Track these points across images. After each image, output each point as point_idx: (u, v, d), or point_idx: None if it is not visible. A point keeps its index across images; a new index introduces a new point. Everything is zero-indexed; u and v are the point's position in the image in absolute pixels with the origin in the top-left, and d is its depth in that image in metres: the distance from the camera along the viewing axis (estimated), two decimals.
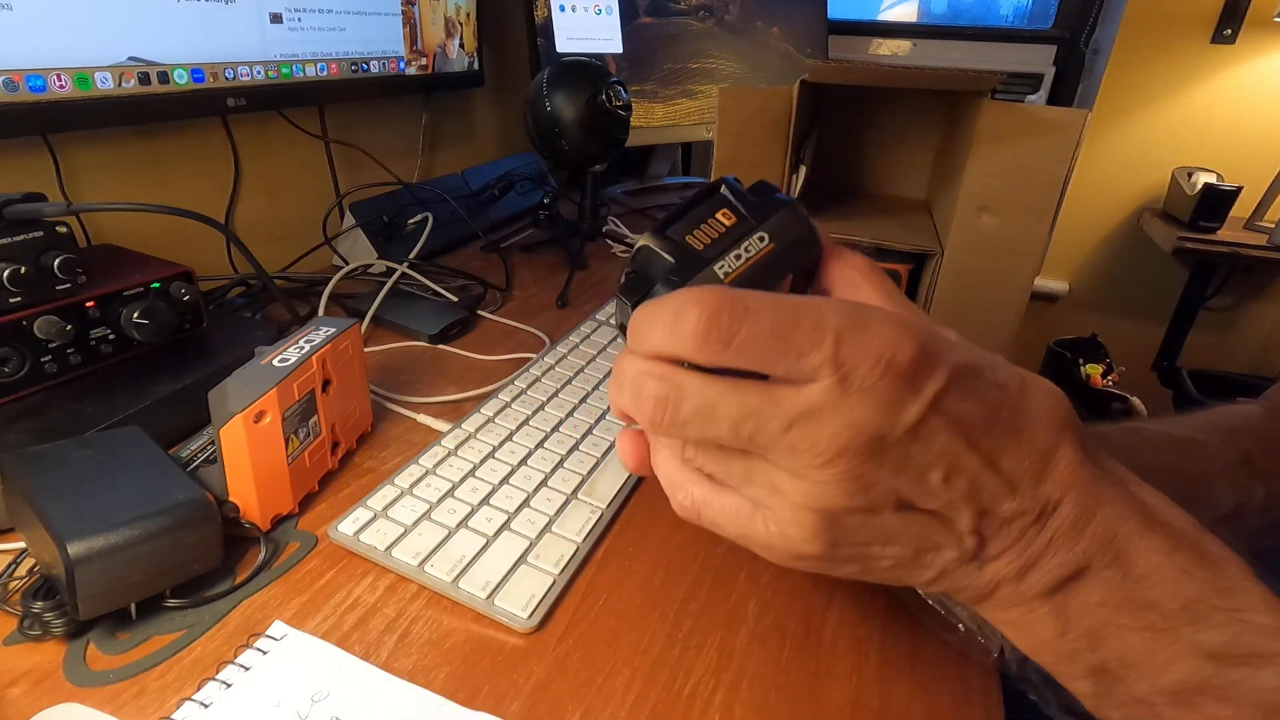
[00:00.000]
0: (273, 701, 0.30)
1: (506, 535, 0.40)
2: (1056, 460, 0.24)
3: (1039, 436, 0.24)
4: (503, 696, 0.32)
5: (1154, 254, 1.69)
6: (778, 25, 1.22)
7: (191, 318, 0.52)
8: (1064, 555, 0.24)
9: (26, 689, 0.31)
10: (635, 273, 0.28)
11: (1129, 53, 1.59)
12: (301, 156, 0.84)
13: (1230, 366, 1.75)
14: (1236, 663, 0.23)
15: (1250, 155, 1.59)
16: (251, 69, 0.66)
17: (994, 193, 0.55)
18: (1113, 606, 0.24)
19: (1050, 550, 0.24)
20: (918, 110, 0.72)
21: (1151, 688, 0.24)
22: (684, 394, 0.23)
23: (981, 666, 0.34)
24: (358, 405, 0.48)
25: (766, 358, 0.22)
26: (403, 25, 0.84)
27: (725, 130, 0.59)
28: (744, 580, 0.39)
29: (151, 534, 0.32)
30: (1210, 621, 0.23)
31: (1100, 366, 1.65)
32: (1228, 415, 0.45)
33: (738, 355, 0.22)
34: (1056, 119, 0.52)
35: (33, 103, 0.51)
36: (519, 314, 0.71)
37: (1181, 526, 0.25)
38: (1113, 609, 0.24)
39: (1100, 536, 0.24)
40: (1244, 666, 0.23)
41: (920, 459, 0.23)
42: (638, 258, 0.28)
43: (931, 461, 0.23)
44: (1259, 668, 0.23)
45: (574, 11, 0.99)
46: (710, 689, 0.33)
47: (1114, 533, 0.24)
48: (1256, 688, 0.23)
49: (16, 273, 0.41)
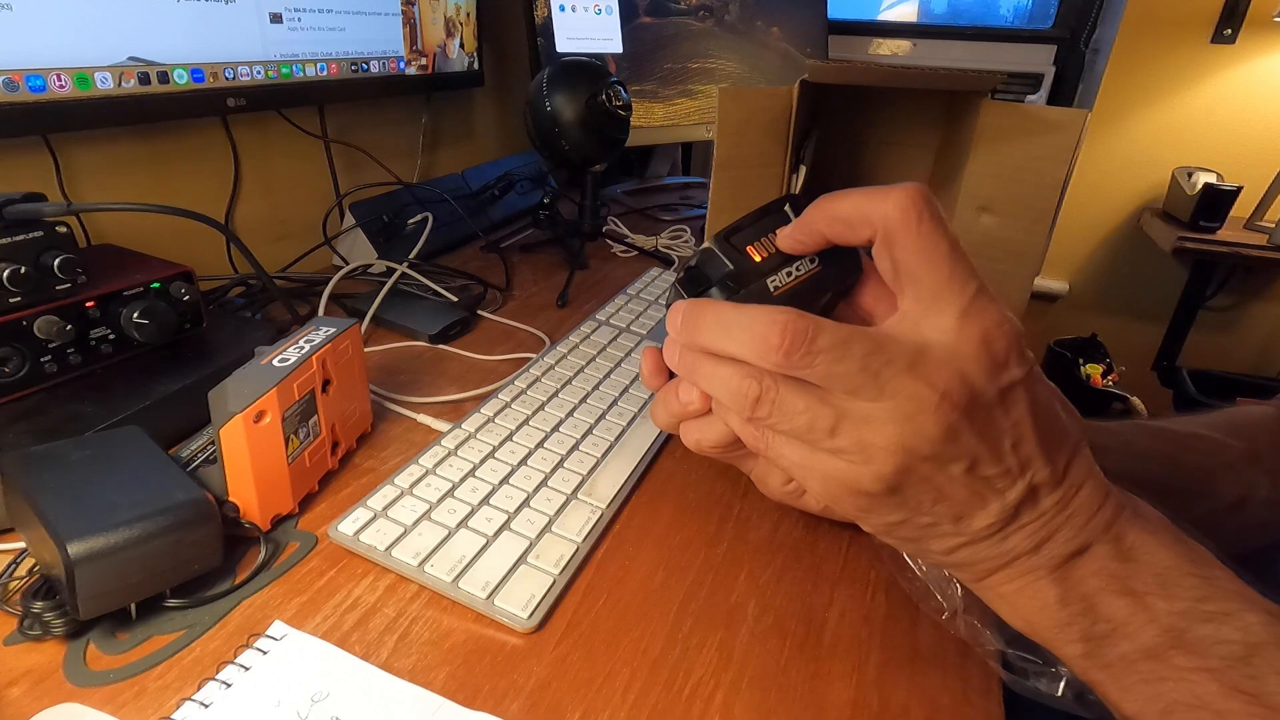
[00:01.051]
0: (273, 701, 0.30)
1: (506, 535, 0.40)
2: (1081, 452, 0.28)
3: (1073, 430, 0.28)
4: (503, 696, 0.32)
5: (1154, 254, 1.69)
6: (778, 25, 1.22)
7: (191, 318, 0.52)
8: (1075, 533, 0.27)
9: (26, 689, 0.31)
10: (696, 269, 0.31)
11: (1129, 53, 1.59)
12: (301, 156, 0.84)
13: (1230, 366, 1.75)
14: (1203, 619, 0.26)
15: (1250, 155, 1.59)
16: (251, 69, 0.66)
17: (994, 193, 0.55)
18: (1105, 576, 0.27)
19: (1068, 527, 0.27)
20: (918, 110, 0.72)
21: (1132, 646, 0.26)
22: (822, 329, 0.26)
23: (981, 666, 0.34)
24: (358, 405, 0.48)
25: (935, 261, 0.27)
26: (403, 25, 0.84)
27: (725, 130, 0.59)
28: (744, 580, 0.39)
29: (151, 534, 0.32)
30: (1182, 585, 0.26)
31: (1100, 366, 1.65)
32: (1234, 414, 0.46)
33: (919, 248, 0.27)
34: (1056, 119, 0.52)
35: (33, 103, 0.51)
36: (519, 314, 0.71)
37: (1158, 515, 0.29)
38: (1105, 578, 0.27)
39: (1105, 519, 0.27)
40: (1210, 623, 0.25)
41: (1001, 424, 0.26)
42: (700, 257, 0.31)
43: (1007, 429, 0.26)
44: (1223, 623, 0.25)
45: (574, 11, 0.99)
46: (710, 689, 0.33)
47: (1115, 516, 0.28)
48: (1221, 639, 0.25)
49: (16, 273, 0.41)
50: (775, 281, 0.29)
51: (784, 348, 0.26)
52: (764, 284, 0.29)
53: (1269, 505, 0.41)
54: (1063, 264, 1.85)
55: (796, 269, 0.30)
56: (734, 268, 0.29)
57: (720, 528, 0.43)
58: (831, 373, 0.26)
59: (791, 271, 0.30)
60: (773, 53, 1.22)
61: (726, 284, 0.29)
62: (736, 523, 0.43)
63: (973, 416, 0.25)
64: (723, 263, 0.30)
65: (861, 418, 0.26)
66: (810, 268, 0.30)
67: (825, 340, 0.26)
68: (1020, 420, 0.26)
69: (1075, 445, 0.28)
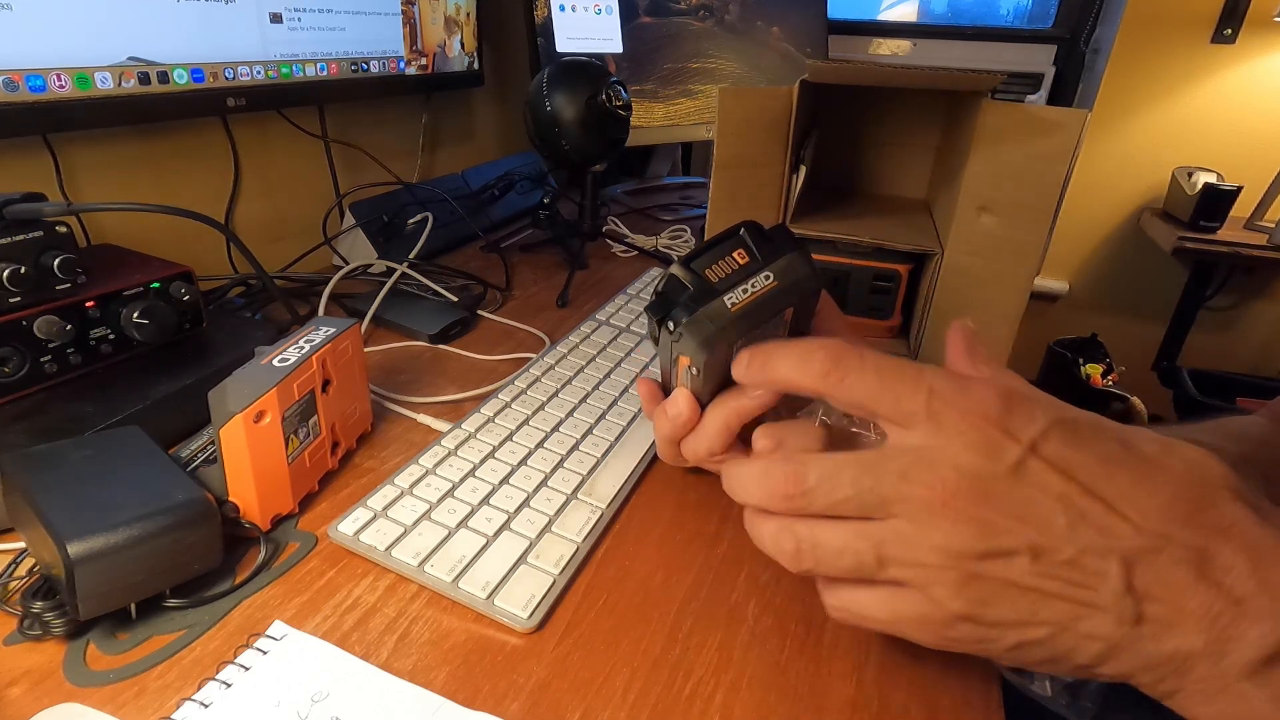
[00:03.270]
0: (273, 701, 0.30)
1: (506, 535, 0.40)
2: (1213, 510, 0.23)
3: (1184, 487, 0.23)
4: (503, 696, 0.32)
5: (1154, 254, 1.69)
6: (778, 25, 1.22)
7: (191, 318, 0.52)
8: (1267, 624, 0.22)
9: (26, 689, 0.31)
10: (661, 295, 0.33)
11: (1129, 53, 1.59)
12: (301, 156, 0.84)
13: (1230, 366, 1.75)
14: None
15: (1250, 155, 1.59)
16: (251, 69, 0.66)
17: (994, 193, 0.55)
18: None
19: (1244, 617, 0.22)
20: (918, 110, 0.72)
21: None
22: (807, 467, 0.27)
23: (982, 666, 0.34)
24: (358, 405, 0.48)
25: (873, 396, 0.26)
26: (403, 25, 0.84)
27: (725, 130, 0.59)
28: (744, 580, 0.39)
29: (151, 534, 0.32)
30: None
31: (1100, 366, 1.65)
32: (1225, 423, 0.45)
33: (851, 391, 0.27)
34: (1056, 119, 0.52)
35: (33, 103, 0.51)
36: (519, 314, 0.71)
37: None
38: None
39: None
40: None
41: (1037, 502, 0.24)
42: (665, 283, 0.33)
43: (1050, 505, 0.23)
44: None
45: (574, 11, 0.99)
46: (710, 689, 0.33)
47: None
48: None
49: (16, 273, 0.41)
50: (732, 299, 0.31)
51: (783, 492, 0.27)
52: (721, 302, 0.31)
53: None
54: (1063, 264, 1.85)
55: (753, 285, 0.32)
56: (693, 289, 0.32)
57: (720, 527, 0.43)
58: (834, 502, 0.26)
59: (748, 288, 0.32)
60: (773, 53, 1.22)
61: (688, 305, 0.32)
62: (736, 522, 0.43)
63: (995, 503, 0.24)
64: (684, 286, 0.32)
65: (897, 539, 0.25)
66: (767, 283, 0.32)
67: (814, 475, 0.26)
68: (1061, 490, 0.23)
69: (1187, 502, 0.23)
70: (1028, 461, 0.24)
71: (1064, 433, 0.24)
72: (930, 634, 0.27)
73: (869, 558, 0.26)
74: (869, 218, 0.67)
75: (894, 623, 0.27)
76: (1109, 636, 0.24)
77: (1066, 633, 0.24)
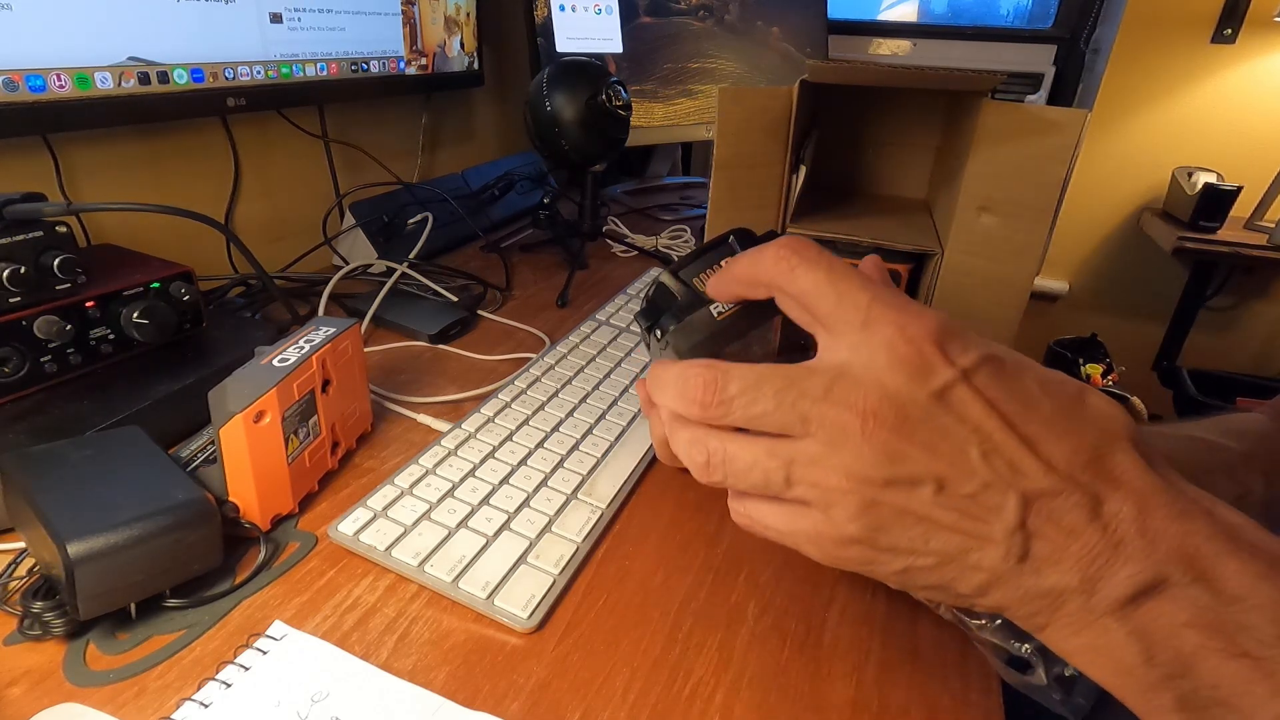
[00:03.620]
0: (273, 701, 0.30)
1: (506, 535, 0.40)
2: (1111, 458, 0.24)
3: (1089, 434, 0.24)
4: (503, 696, 0.32)
5: (1154, 254, 1.69)
6: (778, 25, 1.22)
7: (191, 318, 0.52)
8: (1136, 565, 0.23)
9: (26, 689, 0.31)
10: (651, 302, 0.34)
11: (1129, 53, 1.59)
12: (301, 156, 0.84)
13: (1230, 366, 1.75)
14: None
15: (1250, 155, 1.59)
16: (251, 69, 0.66)
17: (994, 193, 0.55)
18: (1203, 629, 0.22)
19: (1119, 558, 0.23)
20: (918, 110, 0.72)
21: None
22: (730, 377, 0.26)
23: (982, 666, 0.34)
24: (358, 405, 0.48)
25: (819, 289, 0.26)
26: (403, 25, 0.84)
27: (725, 130, 0.59)
28: (744, 580, 0.39)
29: (151, 534, 0.32)
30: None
31: (1100, 366, 1.65)
32: (1227, 419, 0.45)
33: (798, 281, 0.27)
34: (1056, 119, 0.52)
35: (33, 103, 0.51)
36: (519, 314, 0.71)
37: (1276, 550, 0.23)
38: (1204, 632, 0.22)
39: (1177, 550, 0.23)
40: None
41: (953, 433, 0.24)
42: (654, 290, 0.34)
43: (966, 436, 0.24)
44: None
45: (574, 11, 0.99)
46: (710, 689, 0.33)
47: (1195, 549, 0.22)
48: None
49: (16, 273, 0.41)
50: (718, 307, 0.32)
51: (700, 400, 0.27)
52: (708, 311, 0.32)
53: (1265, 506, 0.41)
54: (1063, 264, 1.85)
55: None
56: (680, 298, 0.32)
57: (720, 527, 0.43)
58: (751, 415, 0.26)
59: None
60: (773, 53, 1.22)
61: (675, 313, 0.32)
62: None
63: (910, 430, 0.24)
64: (671, 294, 0.33)
65: (807, 460, 0.25)
66: None
67: (735, 385, 0.26)
68: (981, 422, 0.23)
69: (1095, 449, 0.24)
70: (956, 387, 0.24)
71: (995, 367, 0.24)
72: (821, 551, 0.27)
73: (777, 476, 0.26)
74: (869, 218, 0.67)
75: (789, 535, 0.27)
76: (993, 569, 0.24)
77: (953, 563, 0.25)
